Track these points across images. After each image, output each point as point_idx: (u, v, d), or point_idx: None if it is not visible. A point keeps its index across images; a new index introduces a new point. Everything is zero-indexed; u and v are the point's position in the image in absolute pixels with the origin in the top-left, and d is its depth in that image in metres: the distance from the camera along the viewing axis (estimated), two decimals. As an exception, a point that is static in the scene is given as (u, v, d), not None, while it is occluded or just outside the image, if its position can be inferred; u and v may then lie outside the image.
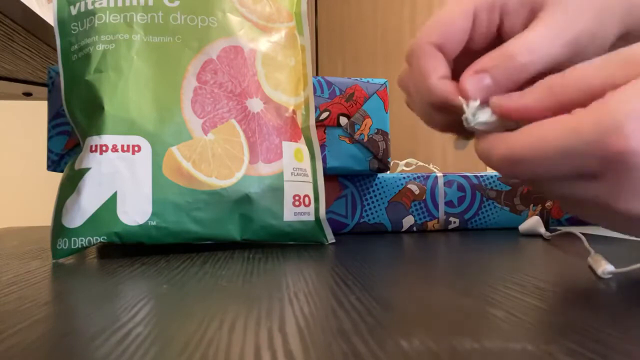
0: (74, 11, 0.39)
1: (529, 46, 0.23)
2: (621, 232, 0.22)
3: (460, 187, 0.54)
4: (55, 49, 0.68)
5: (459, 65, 0.25)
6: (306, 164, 0.42)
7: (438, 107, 0.25)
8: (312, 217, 0.41)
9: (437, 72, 0.25)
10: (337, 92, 0.49)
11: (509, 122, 0.22)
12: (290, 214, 0.40)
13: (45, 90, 0.97)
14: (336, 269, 0.29)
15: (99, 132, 0.35)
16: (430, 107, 0.26)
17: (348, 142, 0.49)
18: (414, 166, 0.62)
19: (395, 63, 1.75)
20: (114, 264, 0.32)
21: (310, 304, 0.21)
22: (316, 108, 0.48)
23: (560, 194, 0.22)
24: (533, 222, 0.47)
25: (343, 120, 0.49)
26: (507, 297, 0.21)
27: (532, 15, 0.25)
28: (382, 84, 0.50)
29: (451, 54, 0.26)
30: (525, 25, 0.25)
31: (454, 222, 0.54)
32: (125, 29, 0.38)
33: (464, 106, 0.23)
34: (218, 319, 0.18)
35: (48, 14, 0.68)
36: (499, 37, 0.26)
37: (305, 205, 0.41)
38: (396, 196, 0.52)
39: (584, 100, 0.20)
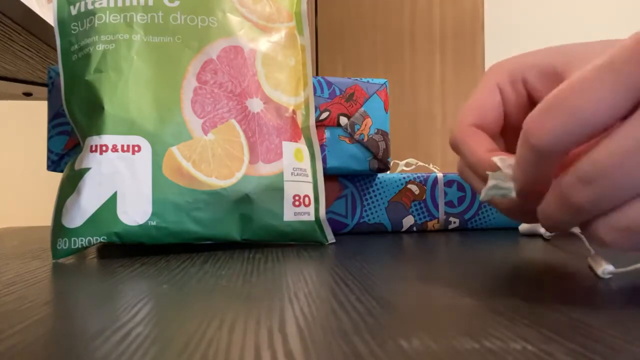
0: (74, 11, 0.39)
1: None
2: None
3: (460, 187, 0.54)
4: (55, 49, 0.68)
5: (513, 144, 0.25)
6: (306, 164, 0.42)
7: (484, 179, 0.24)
8: (312, 217, 0.41)
9: (482, 146, 0.25)
10: (337, 92, 0.49)
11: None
12: (290, 214, 0.40)
13: (45, 90, 0.97)
14: (336, 269, 0.29)
15: (99, 132, 0.35)
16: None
17: (348, 142, 0.49)
18: (414, 166, 0.62)
19: (395, 63, 1.75)
20: (114, 264, 0.32)
21: (310, 304, 0.21)
22: (316, 108, 0.48)
23: None
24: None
25: (343, 120, 0.49)
26: (506, 297, 0.21)
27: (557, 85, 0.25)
28: (382, 84, 0.50)
29: (492, 131, 0.26)
30: None
31: (454, 222, 0.54)
32: (125, 29, 0.38)
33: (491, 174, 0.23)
34: (218, 319, 0.18)
35: (48, 14, 0.68)
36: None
37: (305, 205, 0.41)
38: (396, 196, 0.52)
39: None
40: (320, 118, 0.48)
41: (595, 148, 0.18)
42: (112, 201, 0.34)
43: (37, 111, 1.94)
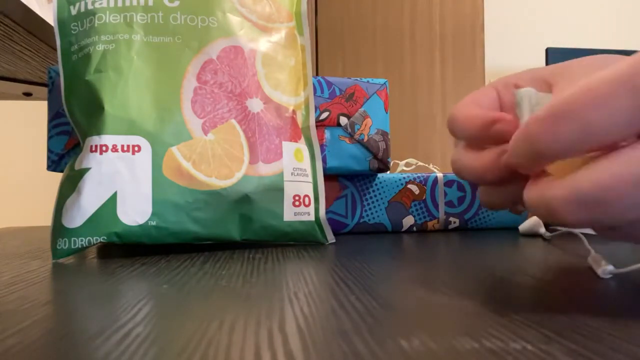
0: (74, 11, 0.39)
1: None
2: None
3: (460, 187, 0.54)
4: (55, 49, 0.68)
5: None
6: (306, 164, 0.42)
7: (490, 140, 0.24)
8: (312, 217, 0.41)
9: (479, 109, 0.25)
10: (337, 92, 0.49)
11: None
12: (290, 214, 0.40)
13: (45, 90, 0.97)
14: (336, 269, 0.29)
15: (99, 132, 0.35)
16: (489, 162, 0.24)
17: (348, 142, 0.49)
18: (414, 166, 0.62)
19: (395, 63, 1.75)
20: (114, 264, 0.32)
21: (310, 304, 0.21)
22: (316, 108, 0.48)
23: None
24: (533, 222, 0.47)
25: (343, 120, 0.49)
26: (506, 297, 0.21)
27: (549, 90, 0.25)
28: (382, 84, 0.50)
29: None
30: None
31: (454, 222, 0.54)
32: (125, 29, 0.38)
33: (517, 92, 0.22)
34: (218, 319, 0.18)
35: (48, 14, 0.68)
36: None
37: (305, 205, 0.41)
38: (396, 196, 0.52)
39: None
40: (320, 118, 0.48)
41: (591, 166, 0.17)
42: (112, 201, 0.34)
43: (37, 111, 1.94)
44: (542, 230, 0.46)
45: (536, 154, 0.19)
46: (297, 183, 0.41)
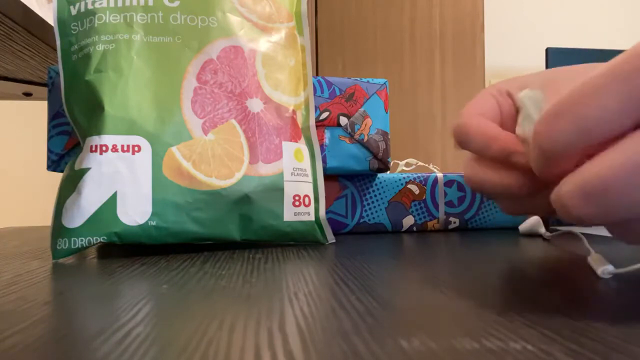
0: (74, 11, 0.39)
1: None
2: None
3: (460, 187, 0.54)
4: (55, 49, 0.68)
5: None
6: (306, 164, 0.42)
7: (505, 156, 0.24)
8: (312, 217, 0.41)
9: (492, 125, 0.25)
10: (337, 92, 0.49)
11: None
12: (290, 214, 0.40)
13: (45, 90, 0.97)
14: (336, 269, 0.29)
15: (99, 132, 0.35)
16: (503, 178, 0.25)
17: (348, 142, 0.49)
18: (414, 166, 0.62)
19: (395, 63, 1.75)
20: (114, 264, 0.32)
21: (310, 304, 0.21)
22: (316, 108, 0.48)
23: None
24: (533, 222, 0.47)
25: (343, 120, 0.49)
26: (506, 297, 0.21)
27: None
28: (382, 84, 0.50)
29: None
30: None
31: (454, 222, 0.54)
32: (125, 29, 0.38)
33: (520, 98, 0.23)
34: (218, 319, 0.18)
35: (48, 14, 0.68)
36: None
37: (305, 206, 0.41)
38: (396, 196, 0.52)
39: None
40: (320, 118, 0.48)
41: (594, 160, 0.17)
42: (112, 201, 0.34)
43: (37, 111, 1.94)
44: (542, 230, 0.46)
45: (542, 155, 0.19)
46: (297, 183, 0.41)
